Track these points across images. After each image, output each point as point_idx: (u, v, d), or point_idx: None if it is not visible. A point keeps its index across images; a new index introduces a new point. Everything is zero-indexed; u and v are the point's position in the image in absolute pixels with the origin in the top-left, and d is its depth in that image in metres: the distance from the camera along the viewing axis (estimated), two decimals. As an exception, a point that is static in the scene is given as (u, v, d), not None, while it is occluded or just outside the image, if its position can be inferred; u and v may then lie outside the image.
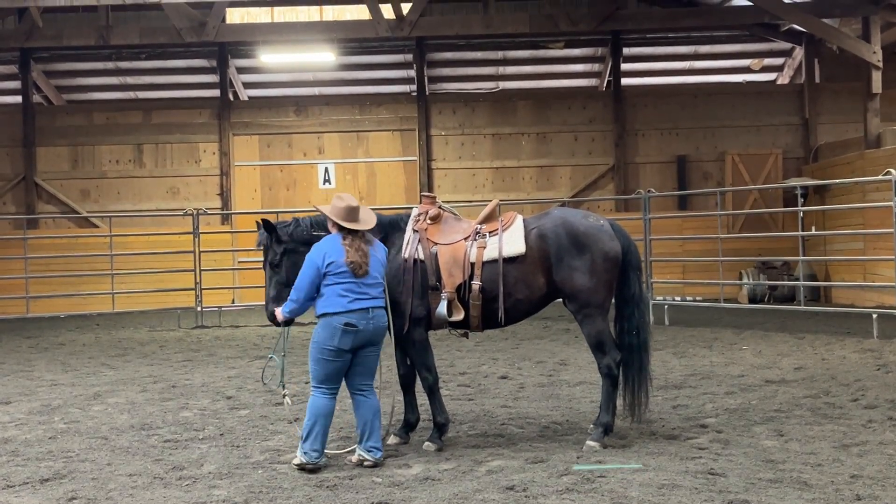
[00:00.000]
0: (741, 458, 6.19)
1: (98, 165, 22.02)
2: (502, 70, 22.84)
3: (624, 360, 6.88)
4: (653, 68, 22.78)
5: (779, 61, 22.72)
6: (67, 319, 18.27)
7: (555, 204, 19.46)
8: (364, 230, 6.39)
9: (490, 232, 6.88)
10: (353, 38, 20.56)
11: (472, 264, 6.76)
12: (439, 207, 7.08)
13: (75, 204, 21.73)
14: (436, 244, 6.84)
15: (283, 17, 20.86)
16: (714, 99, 21.98)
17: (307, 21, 20.59)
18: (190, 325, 16.62)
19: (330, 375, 6.21)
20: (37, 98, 22.42)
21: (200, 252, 17.14)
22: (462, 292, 6.76)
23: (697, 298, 19.13)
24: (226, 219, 21.43)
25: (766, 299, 18.46)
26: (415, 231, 6.89)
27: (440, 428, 6.82)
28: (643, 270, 7.49)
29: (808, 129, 21.69)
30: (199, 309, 17.04)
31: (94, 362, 12.06)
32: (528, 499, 5.37)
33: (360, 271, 6.25)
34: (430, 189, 21.38)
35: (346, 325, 6.15)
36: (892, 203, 12.29)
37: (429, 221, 6.94)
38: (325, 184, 21.93)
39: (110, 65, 22.34)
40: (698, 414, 7.74)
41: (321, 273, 6.22)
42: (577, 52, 22.41)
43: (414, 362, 6.93)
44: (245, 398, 9.04)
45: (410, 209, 7.15)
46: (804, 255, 15.91)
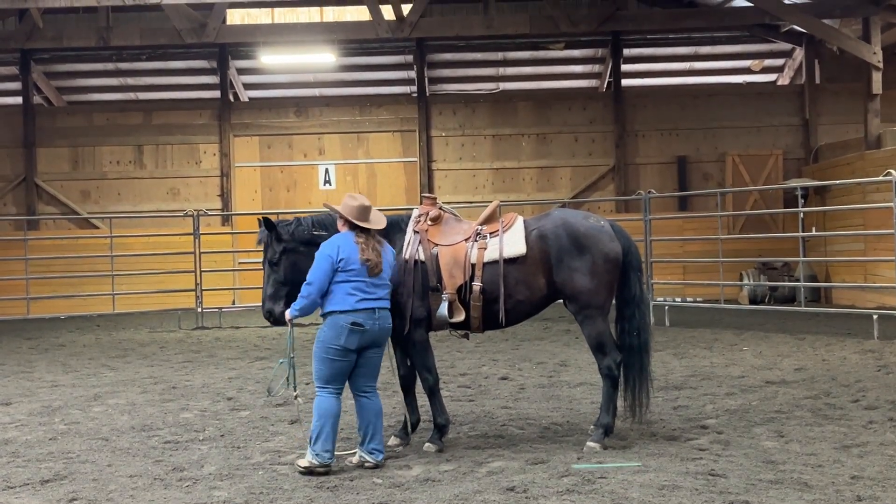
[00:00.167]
0: (742, 459, 6.19)
1: (98, 166, 22.03)
2: (502, 71, 22.85)
3: (625, 361, 6.88)
4: (653, 69, 22.79)
5: (779, 62, 22.74)
6: (68, 320, 18.26)
7: (555, 205, 19.46)
8: (376, 230, 6.38)
9: (491, 233, 6.88)
10: (354, 39, 20.57)
11: (473, 265, 6.76)
12: (440, 208, 7.08)
13: (76, 205, 21.74)
14: (436, 245, 6.84)
15: (283, 18, 20.87)
16: (714, 100, 21.99)
17: (307, 22, 20.60)
18: (190, 326, 16.62)
19: (335, 375, 6.17)
20: (37, 99, 22.43)
21: (201, 253, 17.14)
22: (463, 293, 6.76)
23: (698, 299, 19.13)
24: (226, 220, 21.44)
25: (766, 300, 18.46)
26: (415, 232, 6.89)
27: (440, 429, 6.82)
28: (644, 271, 7.48)
29: (809, 130, 21.70)
30: (200, 310, 17.04)
31: (95, 363, 12.06)
32: (529, 500, 5.37)
33: (376, 270, 6.22)
34: (431, 190, 21.38)
35: (353, 324, 6.11)
36: (892, 204, 12.28)
37: (429, 222, 6.94)
38: (325, 185, 21.93)
39: (111, 66, 22.36)
40: (699, 415, 7.74)
41: (335, 267, 6.15)
42: (577, 53, 22.42)
43: (414, 363, 6.93)
44: (245, 399, 9.04)
45: (411, 210, 7.15)
46: (805, 256, 15.90)
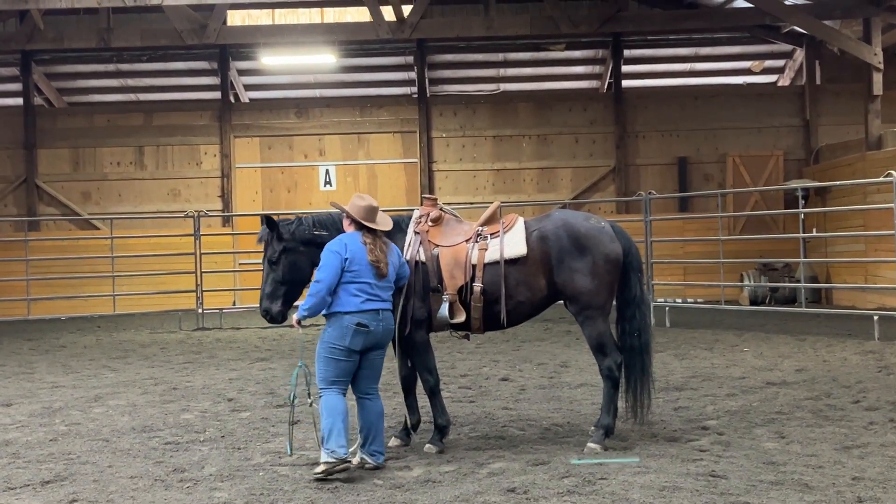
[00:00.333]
0: (742, 459, 6.19)
1: (99, 167, 22.03)
2: (503, 72, 22.85)
3: (625, 362, 6.88)
4: (654, 70, 22.79)
5: (780, 63, 22.74)
6: (68, 321, 18.26)
7: (556, 206, 19.46)
8: (382, 231, 6.38)
9: (491, 234, 6.88)
10: (354, 41, 20.57)
11: (474, 266, 6.76)
12: (440, 209, 7.08)
13: (76, 206, 21.74)
14: (437, 246, 6.84)
15: (283, 19, 20.87)
16: (715, 100, 21.98)
17: (308, 23, 20.60)
18: (191, 327, 16.62)
19: (340, 376, 6.14)
20: (38, 100, 22.43)
21: (201, 254, 17.14)
22: (463, 294, 6.76)
23: (698, 300, 19.14)
24: (227, 221, 21.45)
25: (767, 301, 18.46)
26: (416, 233, 6.89)
27: (441, 430, 6.82)
28: (644, 272, 7.48)
29: (809, 131, 21.70)
30: (200, 311, 17.03)
31: (95, 364, 12.06)
32: (530, 501, 5.37)
33: (383, 271, 6.21)
34: (431, 191, 21.38)
35: (358, 325, 6.09)
36: (893, 205, 12.27)
37: (430, 223, 6.94)
38: (325, 186, 21.93)
39: (111, 67, 22.36)
40: (699, 416, 7.73)
41: (343, 266, 6.12)
42: (577, 54, 22.42)
43: (415, 364, 6.93)
44: (246, 400, 9.04)
45: (412, 211, 7.15)
46: (805, 257, 15.89)
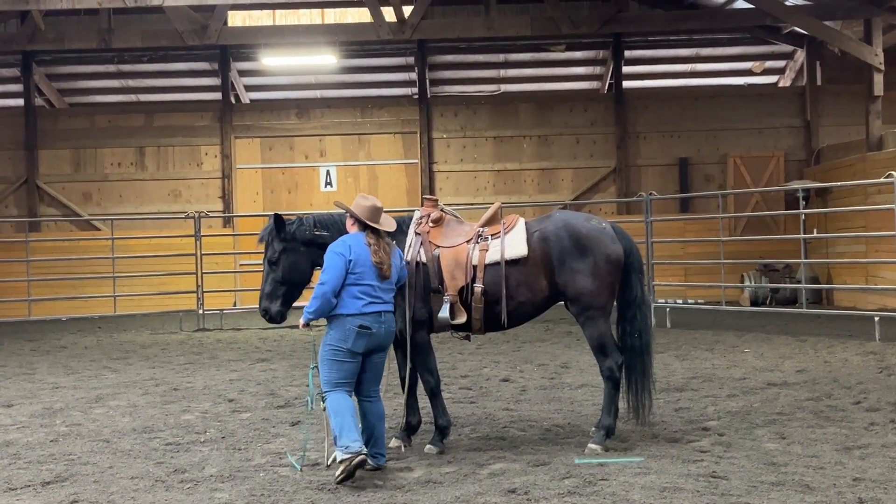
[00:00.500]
0: (743, 460, 6.18)
1: (100, 168, 22.03)
2: (504, 73, 22.85)
3: (626, 363, 6.89)
4: (654, 71, 22.78)
5: (780, 64, 22.73)
6: (69, 322, 18.26)
7: (556, 206, 19.46)
8: (386, 231, 6.34)
9: (492, 235, 6.88)
10: (355, 41, 20.58)
11: (475, 267, 6.76)
12: (441, 210, 7.08)
13: (77, 207, 21.74)
14: (438, 247, 6.84)
15: (284, 20, 20.86)
16: (716, 101, 21.97)
17: (309, 24, 20.59)
18: (191, 327, 16.62)
19: (344, 377, 6.09)
20: (39, 101, 22.43)
21: (202, 255, 17.13)
22: (464, 295, 6.76)
23: (699, 301, 19.13)
24: (227, 221, 21.45)
25: (767, 302, 18.45)
26: (417, 234, 6.89)
27: (442, 431, 6.82)
28: (645, 273, 7.48)
29: (810, 132, 21.69)
30: (201, 312, 17.03)
31: (96, 365, 12.06)
32: (530, 502, 5.37)
33: (388, 272, 6.17)
34: (432, 192, 21.38)
35: (360, 327, 6.05)
36: (893, 206, 12.26)
37: (431, 224, 6.94)
38: (326, 186, 21.93)
39: (112, 68, 22.36)
40: (700, 417, 7.73)
41: (347, 268, 6.06)
42: (578, 54, 22.42)
43: (416, 365, 6.93)
44: (247, 401, 9.04)
45: (412, 212, 7.15)
46: (806, 258, 15.89)
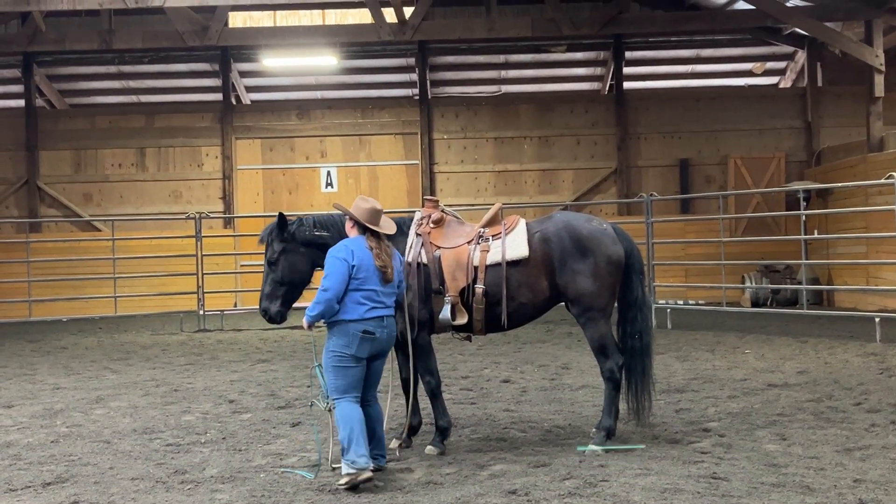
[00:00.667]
0: (744, 462, 6.18)
1: (101, 169, 22.04)
2: (504, 74, 22.86)
3: (627, 364, 6.89)
4: (655, 72, 22.78)
5: (781, 65, 22.73)
6: (70, 323, 18.27)
7: (557, 207, 19.46)
8: (386, 234, 6.29)
9: (493, 235, 6.88)
10: (356, 42, 20.58)
11: (476, 268, 6.76)
12: (442, 211, 7.08)
13: (78, 207, 21.75)
14: (439, 248, 6.84)
15: (285, 21, 20.86)
16: (716, 102, 21.97)
17: (309, 25, 20.58)
18: (192, 328, 16.62)
19: (352, 383, 6.01)
20: (40, 102, 22.44)
21: (203, 255, 17.14)
22: (465, 296, 6.76)
23: (700, 302, 19.13)
24: (228, 222, 21.45)
25: (768, 303, 18.44)
26: (418, 235, 6.89)
27: (442, 432, 6.82)
28: (646, 274, 7.48)
29: (811, 133, 21.69)
30: (202, 312, 17.03)
31: (97, 366, 12.07)
32: (531, 503, 5.36)
33: (391, 276, 6.10)
34: (433, 193, 21.38)
35: (364, 332, 5.97)
36: (894, 207, 12.27)
37: (432, 225, 6.94)
38: (327, 187, 21.93)
39: (113, 69, 22.37)
40: (701, 418, 7.73)
41: (350, 273, 5.98)
42: (579, 55, 22.42)
43: (417, 366, 6.93)
44: (247, 402, 9.04)
45: (413, 213, 7.15)
46: (807, 259, 15.88)
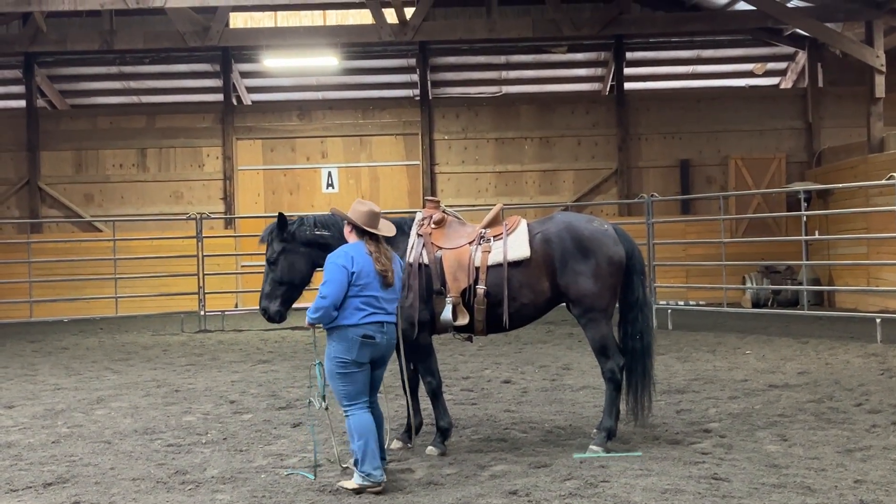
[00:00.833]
0: (745, 462, 6.18)
1: (102, 170, 22.04)
2: (505, 74, 22.86)
3: (627, 365, 6.89)
4: (656, 73, 22.78)
5: (782, 65, 22.73)
6: (71, 323, 18.27)
7: (558, 208, 19.46)
8: (385, 237, 6.23)
9: (494, 236, 6.88)
10: (357, 43, 20.58)
11: (477, 268, 6.76)
12: (443, 212, 7.08)
13: (79, 208, 21.75)
14: (440, 248, 6.84)
15: (286, 21, 20.87)
16: (717, 103, 21.97)
17: (310, 25, 20.59)
18: (193, 329, 16.62)
19: (359, 388, 5.95)
20: (41, 102, 22.44)
21: (204, 256, 17.15)
22: (467, 296, 6.76)
23: (701, 303, 19.13)
24: (229, 223, 21.45)
25: (769, 304, 18.44)
26: (419, 235, 6.89)
27: (443, 432, 6.82)
28: (646, 275, 7.47)
29: (812, 134, 21.68)
30: (203, 313, 17.03)
31: (98, 366, 12.07)
32: (531, 503, 5.36)
33: (391, 279, 6.04)
34: (434, 193, 21.38)
35: (363, 336, 5.92)
36: (895, 207, 12.27)
37: (433, 226, 6.94)
38: (328, 188, 21.93)
39: (114, 69, 22.38)
40: (702, 418, 7.73)
41: (350, 280, 5.91)
42: (580, 56, 22.42)
43: (417, 367, 6.93)
44: (248, 402, 9.04)
45: (414, 213, 7.15)
46: (808, 260, 15.88)
